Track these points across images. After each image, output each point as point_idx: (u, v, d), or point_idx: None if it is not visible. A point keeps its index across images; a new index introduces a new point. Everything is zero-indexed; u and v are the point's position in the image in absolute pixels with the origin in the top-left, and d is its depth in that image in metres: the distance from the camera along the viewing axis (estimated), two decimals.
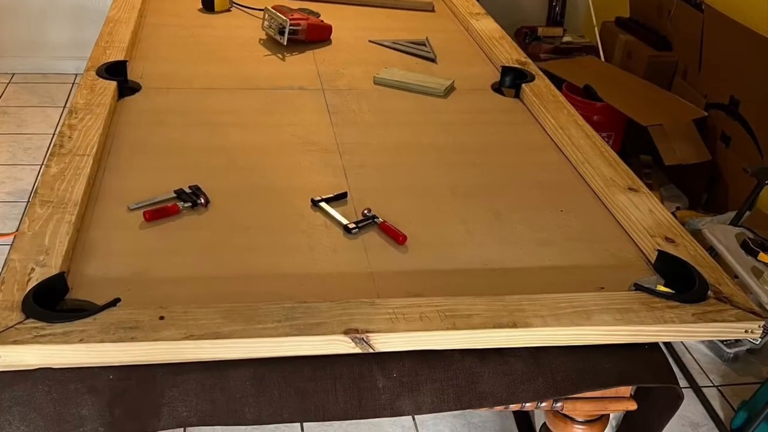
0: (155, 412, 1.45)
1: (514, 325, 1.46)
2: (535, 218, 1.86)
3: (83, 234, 1.69)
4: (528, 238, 1.79)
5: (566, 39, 5.18)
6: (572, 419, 1.72)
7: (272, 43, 2.81)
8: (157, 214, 1.76)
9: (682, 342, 3.22)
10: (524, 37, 5.22)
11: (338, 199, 1.87)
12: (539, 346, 1.54)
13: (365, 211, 1.81)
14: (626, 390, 1.66)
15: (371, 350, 1.42)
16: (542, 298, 1.53)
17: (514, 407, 1.64)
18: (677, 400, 1.68)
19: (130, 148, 2.04)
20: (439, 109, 2.40)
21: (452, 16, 3.27)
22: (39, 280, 1.47)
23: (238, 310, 1.44)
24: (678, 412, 2.70)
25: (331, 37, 2.90)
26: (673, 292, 1.59)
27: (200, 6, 3.13)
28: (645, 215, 1.84)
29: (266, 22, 2.83)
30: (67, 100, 4.95)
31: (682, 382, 3.01)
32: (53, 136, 4.46)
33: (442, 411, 1.53)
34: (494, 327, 1.45)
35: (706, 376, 3.07)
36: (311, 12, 2.99)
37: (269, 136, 2.15)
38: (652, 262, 1.72)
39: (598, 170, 2.02)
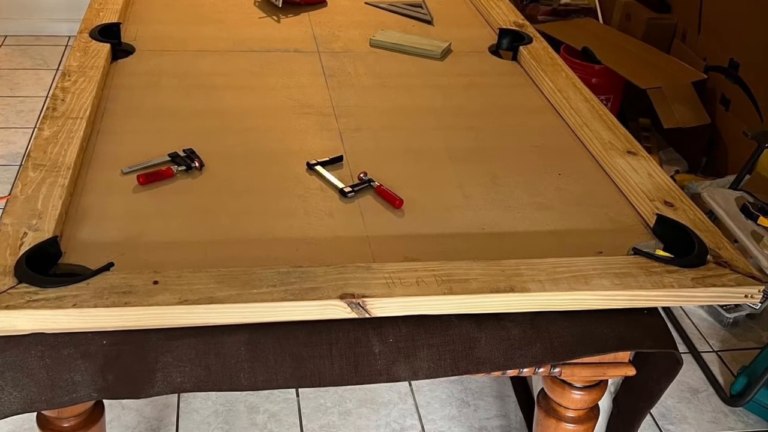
0: (149, 377, 1.44)
1: (512, 290, 1.45)
2: (532, 182, 1.85)
3: (76, 198, 1.67)
4: (525, 202, 1.77)
5: (564, 0, 5.14)
6: (570, 385, 1.71)
7: (267, 5, 2.78)
8: (151, 177, 1.75)
9: (681, 307, 3.21)
10: None
11: (334, 162, 1.86)
12: (537, 312, 1.53)
13: (361, 175, 1.80)
14: (625, 355, 1.66)
15: (367, 315, 1.41)
16: (540, 263, 1.52)
17: (511, 373, 1.63)
18: (676, 365, 1.68)
19: (124, 111, 2.02)
20: (436, 71, 2.38)
21: None
22: (32, 245, 1.46)
23: (232, 275, 1.43)
24: (677, 378, 2.71)
25: None
26: (672, 256, 1.58)
27: None
28: (644, 179, 1.83)
29: None
30: (60, 63, 4.92)
31: (681, 348, 3.01)
32: (46, 99, 4.44)
33: (439, 377, 1.52)
34: (491, 292, 1.44)
35: (706, 341, 3.07)
36: None
37: (264, 99, 2.13)
38: (651, 226, 1.71)
39: (597, 133, 2.00)
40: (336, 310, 1.41)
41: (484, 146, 1.98)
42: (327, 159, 1.86)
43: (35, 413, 1.62)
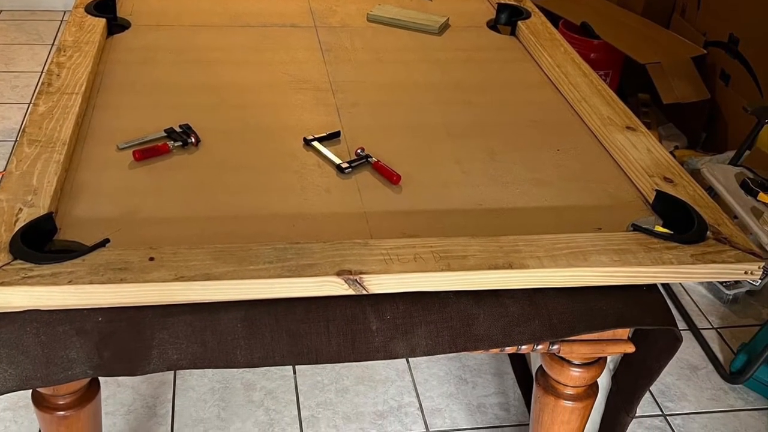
0: (145, 354, 1.44)
1: (510, 267, 1.44)
2: (531, 158, 1.84)
3: (72, 174, 1.67)
4: (524, 178, 1.76)
5: None
6: (569, 362, 1.71)
7: None
8: (147, 153, 1.74)
9: (680, 284, 3.21)
10: None
11: (331, 138, 1.85)
12: (535, 288, 1.52)
13: (359, 151, 1.79)
14: (624, 332, 1.65)
15: (364, 292, 1.41)
16: (538, 239, 1.52)
17: (509, 350, 1.63)
18: (676, 342, 1.68)
19: (120, 86, 2.01)
20: (433, 46, 2.36)
21: None
22: (27, 221, 1.46)
23: (229, 251, 1.42)
24: (677, 355, 2.70)
25: None
26: (672, 232, 1.57)
27: None
28: (643, 155, 1.82)
29: None
30: (55, 38, 4.90)
31: (681, 324, 3.00)
32: (41, 74, 4.42)
33: (437, 353, 1.52)
34: (489, 268, 1.44)
35: (705, 318, 3.07)
36: None
37: (261, 74, 2.12)
38: (650, 202, 1.70)
39: (596, 109, 1.99)
40: (333, 286, 1.40)
41: (482, 122, 1.97)
42: (324, 135, 1.84)
43: (30, 390, 1.62)
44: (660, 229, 1.59)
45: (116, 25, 2.32)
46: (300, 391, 2.62)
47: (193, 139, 1.79)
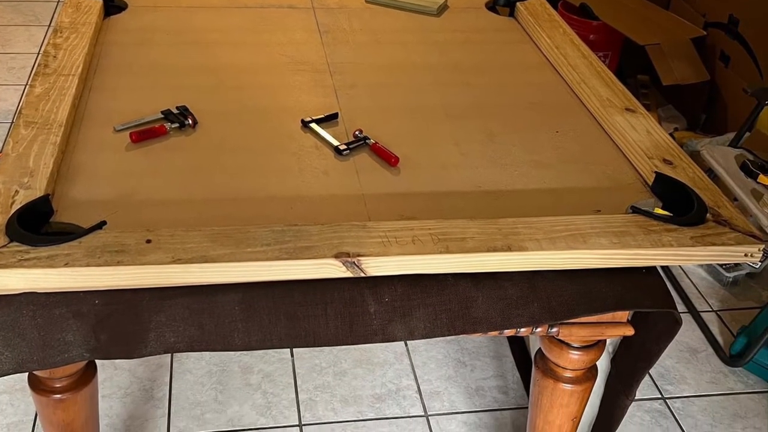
0: (142, 337, 1.43)
1: (509, 249, 1.44)
2: (530, 140, 1.83)
3: (68, 156, 1.66)
4: (523, 160, 1.76)
5: None
6: (568, 345, 1.70)
7: None
8: (144, 135, 1.73)
9: (680, 266, 3.21)
10: None
11: (329, 120, 1.84)
12: (534, 271, 1.52)
13: (356, 132, 1.78)
14: (623, 315, 1.65)
15: (363, 274, 1.40)
16: (537, 222, 1.51)
17: (508, 333, 1.62)
18: (675, 325, 1.67)
19: (117, 67, 2.00)
20: (432, 28, 2.35)
21: None
22: (23, 203, 1.45)
23: (226, 234, 1.42)
24: (676, 338, 2.69)
25: None
26: (671, 215, 1.56)
27: None
28: (642, 136, 1.81)
29: None
30: (52, 19, 4.88)
31: (680, 307, 3.00)
32: (38, 56, 4.40)
33: (435, 336, 1.51)
34: (488, 251, 1.43)
35: (705, 300, 3.06)
36: None
37: (258, 55, 2.11)
38: (650, 184, 1.69)
39: (595, 90, 1.98)
40: (331, 269, 1.39)
41: (481, 103, 1.96)
42: (322, 116, 1.84)
43: (27, 374, 1.61)
44: (659, 211, 1.58)
45: (113, 6, 2.31)
46: (298, 374, 2.62)
47: (190, 121, 1.78)
